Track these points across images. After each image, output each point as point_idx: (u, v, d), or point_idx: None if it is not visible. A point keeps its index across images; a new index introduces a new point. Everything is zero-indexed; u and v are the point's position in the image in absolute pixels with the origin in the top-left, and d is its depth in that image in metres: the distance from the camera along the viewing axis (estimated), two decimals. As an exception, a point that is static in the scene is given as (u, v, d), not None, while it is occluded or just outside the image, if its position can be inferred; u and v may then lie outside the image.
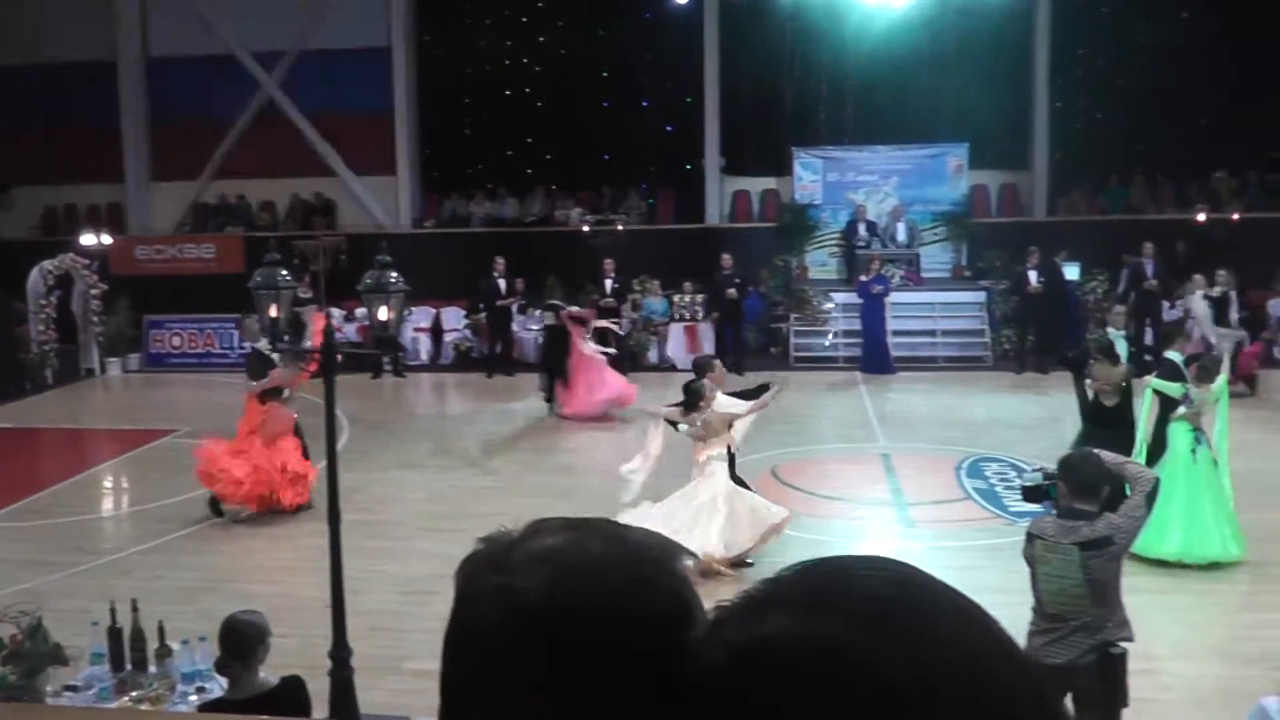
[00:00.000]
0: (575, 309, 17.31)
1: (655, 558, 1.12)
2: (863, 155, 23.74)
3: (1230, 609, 9.14)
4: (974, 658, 0.87)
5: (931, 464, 13.72)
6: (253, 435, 11.71)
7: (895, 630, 0.86)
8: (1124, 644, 5.79)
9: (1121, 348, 10.97)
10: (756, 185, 24.59)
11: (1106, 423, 9.72)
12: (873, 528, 11.35)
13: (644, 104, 25.29)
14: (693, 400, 10.05)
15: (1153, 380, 10.35)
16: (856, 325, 20.40)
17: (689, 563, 1.00)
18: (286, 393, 11.85)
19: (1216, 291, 18.26)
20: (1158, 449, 10.07)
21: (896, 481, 12.94)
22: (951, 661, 0.85)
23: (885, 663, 0.84)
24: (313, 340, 12.30)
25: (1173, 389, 10.05)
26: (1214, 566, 9.57)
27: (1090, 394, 10.15)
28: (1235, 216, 21.60)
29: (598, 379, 16.80)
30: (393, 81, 24.65)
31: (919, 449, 14.43)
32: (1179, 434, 9.92)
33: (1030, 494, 6.42)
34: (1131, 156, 24.15)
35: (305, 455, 11.97)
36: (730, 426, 10.21)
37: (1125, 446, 8.63)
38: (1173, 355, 10.83)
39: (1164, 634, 8.29)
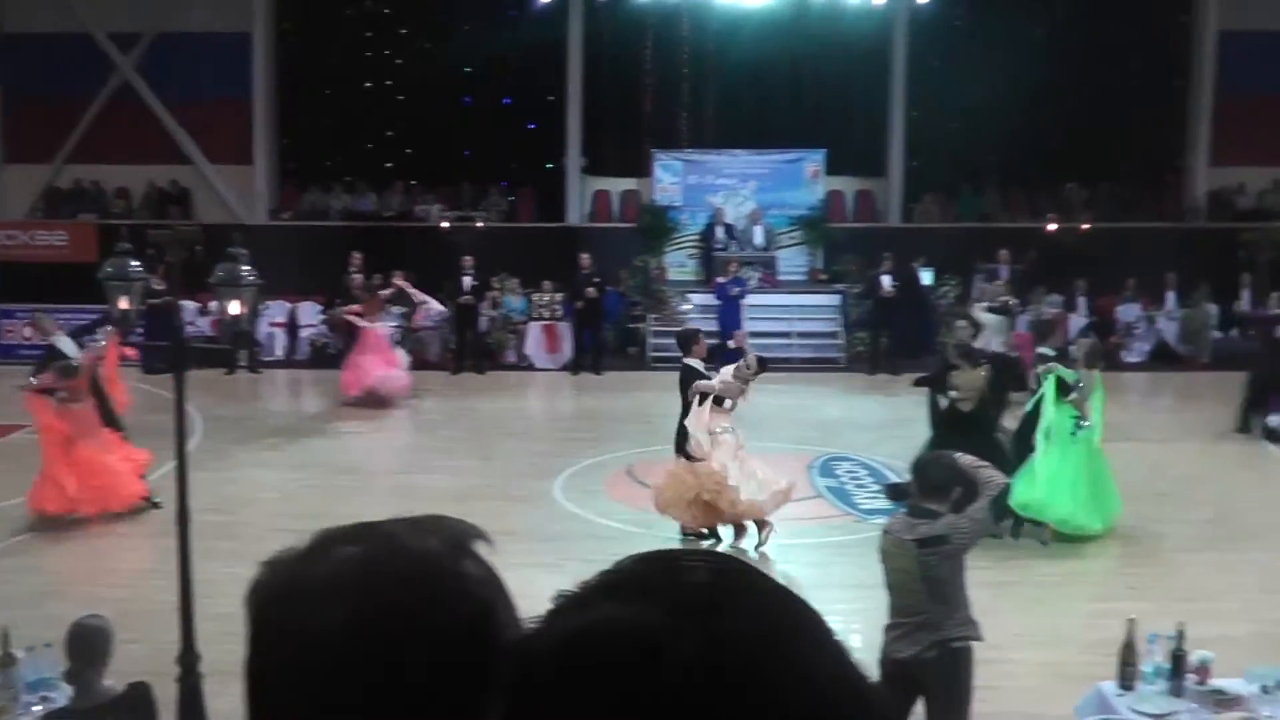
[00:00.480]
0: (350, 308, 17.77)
1: (442, 565, 1.13)
2: (722, 159, 24.02)
3: (1072, 599, 9.52)
4: (787, 645, 0.92)
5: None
6: (66, 442, 11.37)
7: (713, 617, 0.90)
8: (970, 642, 5.96)
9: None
10: (617, 186, 24.74)
11: (963, 429, 10.04)
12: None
13: (506, 101, 25.25)
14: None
15: (1056, 368, 10.80)
16: (714, 326, 20.54)
17: (483, 546, 1.02)
18: (63, 393, 11.50)
19: (998, 303, 18.65)
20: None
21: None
22: (763, 647, 0.90)
23: (699, 648, 0.88)
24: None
25: (1069, 375, 10.65)
26: (1074, 551, 10.07)
27: (945, 401, 10.50)
28: (1085, 226, 22.36)
29: (376, 361, 16.99)
30: (252, 69, 24.15)
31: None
32: (1063, 417, 10.53)
33: (893, 492, 6.62)
34: (985, 166, 24.86)
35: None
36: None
37: (981, 452, 8.94)
38: (1045, 350, 11.31)
39: (1009, 624, 8.57)
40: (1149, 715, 5.76)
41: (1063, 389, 10.66)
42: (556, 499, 12.18)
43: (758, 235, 22.67)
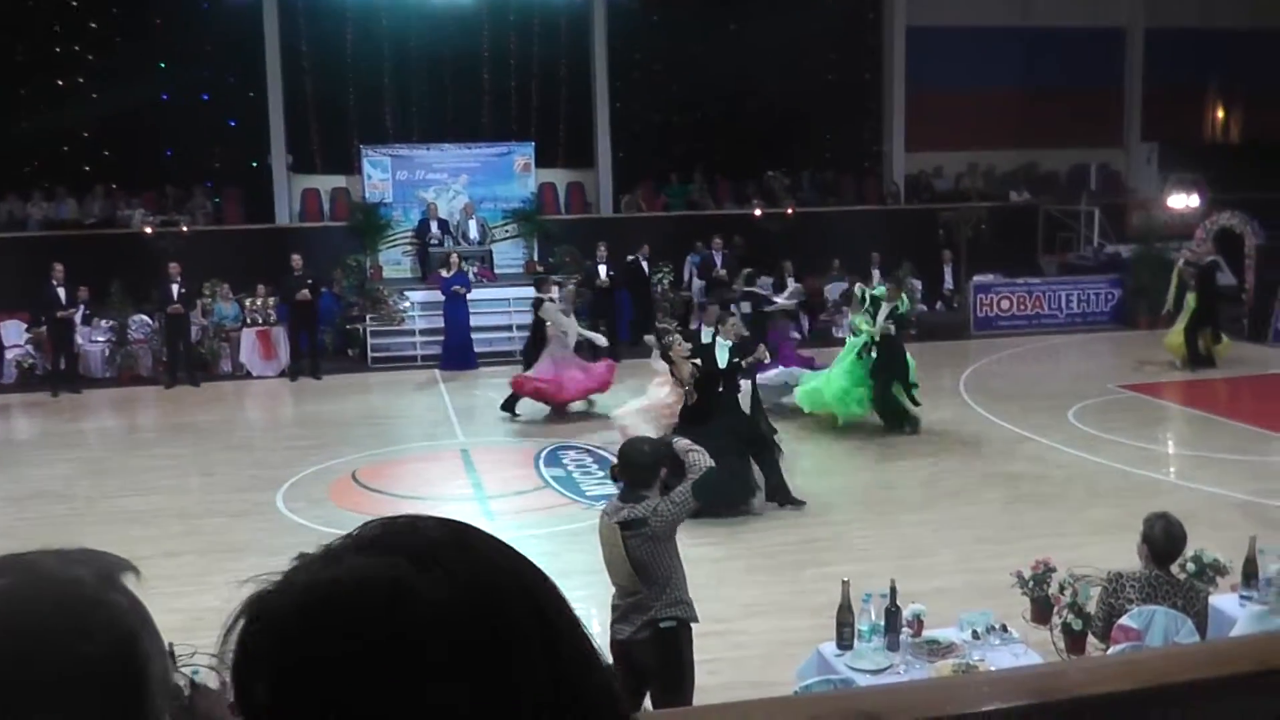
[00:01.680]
0: None
1: (89, 595, 1.10)
2: (431, 154, 23.80)
3: (793, 567, 9.86)
4: (526, 592, 1.02)
5: (511, 456, 14.06)
6: None
7: (458, 565, 0.99)
8: (687, 621, 6.10)
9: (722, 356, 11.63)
10: (326, 184, 24.22)
11: (700, 419, 10.69)
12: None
13: (205, 97, 24.32)
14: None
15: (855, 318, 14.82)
16: (437, 323, 20.53)
17: (128, 575, 1.01)
18: None
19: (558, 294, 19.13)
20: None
21: (477, 476, 13.12)
22: (505, 592, 1.00)
23: (448, 592, 0.97)
24: None
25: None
26: (796, 521, 10.73)
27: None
28: (790, 211, 23.25)
29: None
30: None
31: (499, 442, 14.74)
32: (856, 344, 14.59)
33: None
34: (691, 155, 25.53)
35: None
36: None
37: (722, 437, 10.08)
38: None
39: (735, 596, 8.89)
40: (866, 671, 6.00)
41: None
42: (280, 510, 11.92)
43: (472, 229, 22.62)
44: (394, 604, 0.96)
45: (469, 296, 20.11)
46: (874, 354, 14.45)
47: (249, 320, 20.41)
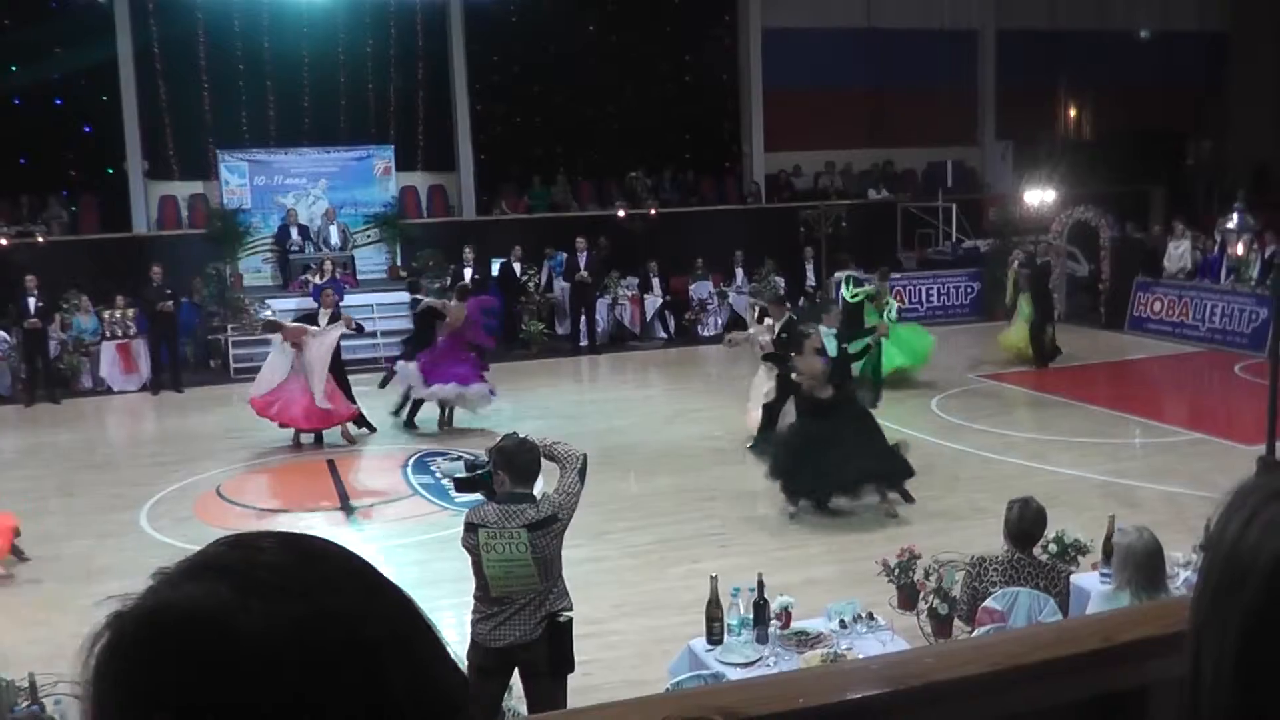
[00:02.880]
0: None
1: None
2: (289, 158, 23.30)
3: (666, 565, 9.90)
4: (358, 625, 0.97)
5: (378, 464, 13.91)
6: None
7: (282, 597, 0.95)
8: (567, 613, 6.09)
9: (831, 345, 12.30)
10: (183, 190, 23.53)
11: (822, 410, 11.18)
12: (321, 535, 11.24)
13: (58, 102, 23.48)
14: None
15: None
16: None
17: None
18: None
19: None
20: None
21: (343, 485, 12.93)
22: (333, 626, 0.96)
23: (265, 626, 0.93)
24: None
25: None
26: (664, 518, 10.62)
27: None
28: (652, 212, 23.34)
29: None
30: None
31: (365, 450, 14.59)
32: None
33: (465, 485, 6.40)
34: (553, 157, 25.50)
35: None
36: None
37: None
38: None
39: (607, 597, 8.89)
40: (735, 665, 6.05)
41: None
42: (145, 529, 11.62)
43: (333, 235, 22.22)
44: (210, 639, 0.93)
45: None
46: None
47: (109, 333, 19.60)
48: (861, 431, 11.17)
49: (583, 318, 21.33)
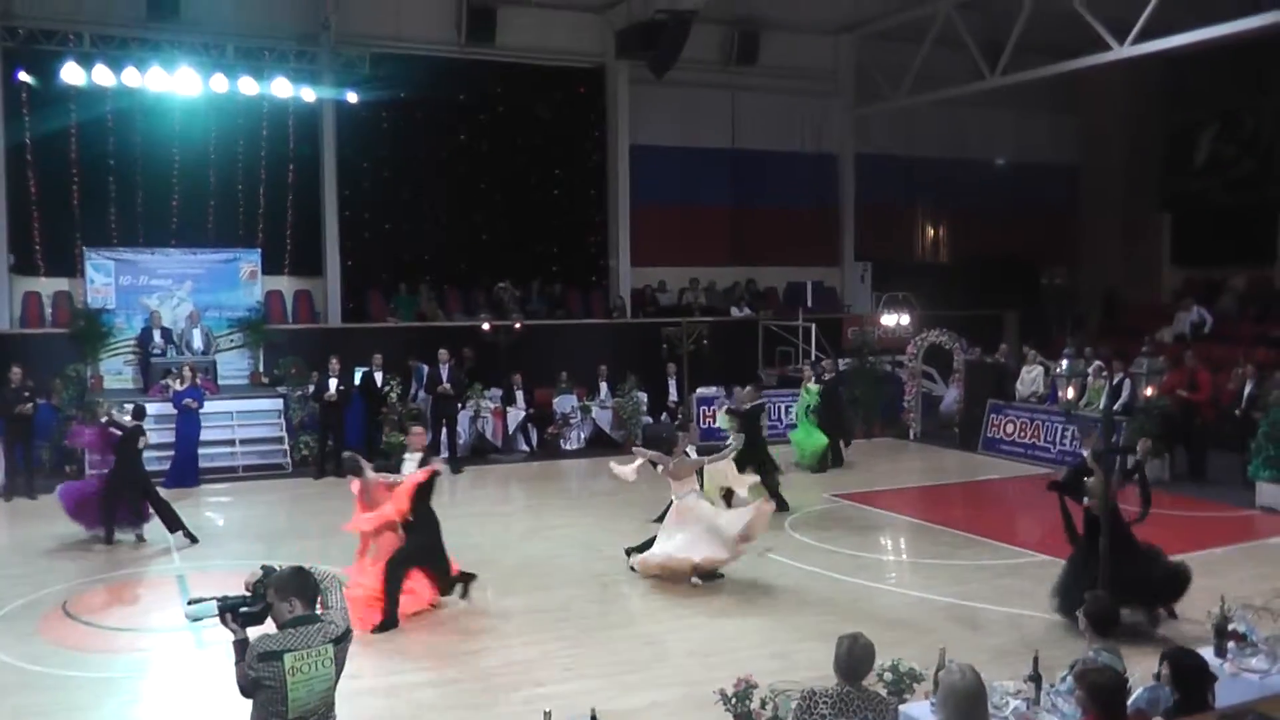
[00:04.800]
0: None
1: None
2: (156, 259, 23.14)
3: (508, 689, 9.75)
4: None
5: (230, 580, 13.55)
6: None
7: None
8: None
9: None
10: (48, 287, 23.12)
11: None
12: (163, 656, 10.84)
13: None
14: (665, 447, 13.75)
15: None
16: (163, 438, 19.46)
17: None
18: None
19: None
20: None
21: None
22: None
23: None
24: None
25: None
26: (506, 639, 10.53)
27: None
28: (518, 325, 23.49)
29: None
30: None
31: (217, 565, 14.26)
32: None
33: (253, 618, 6.04)
34: (420, 266, 25.59)
35: None
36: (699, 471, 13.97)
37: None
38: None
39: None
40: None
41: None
42: (-15, 650, 11.15)
43: (196, 339, 21.94)
44: None
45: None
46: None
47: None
48: None
49: (444, 430, 21.31)
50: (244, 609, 6.02)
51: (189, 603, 6.00)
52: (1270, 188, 28.10)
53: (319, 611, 6.02)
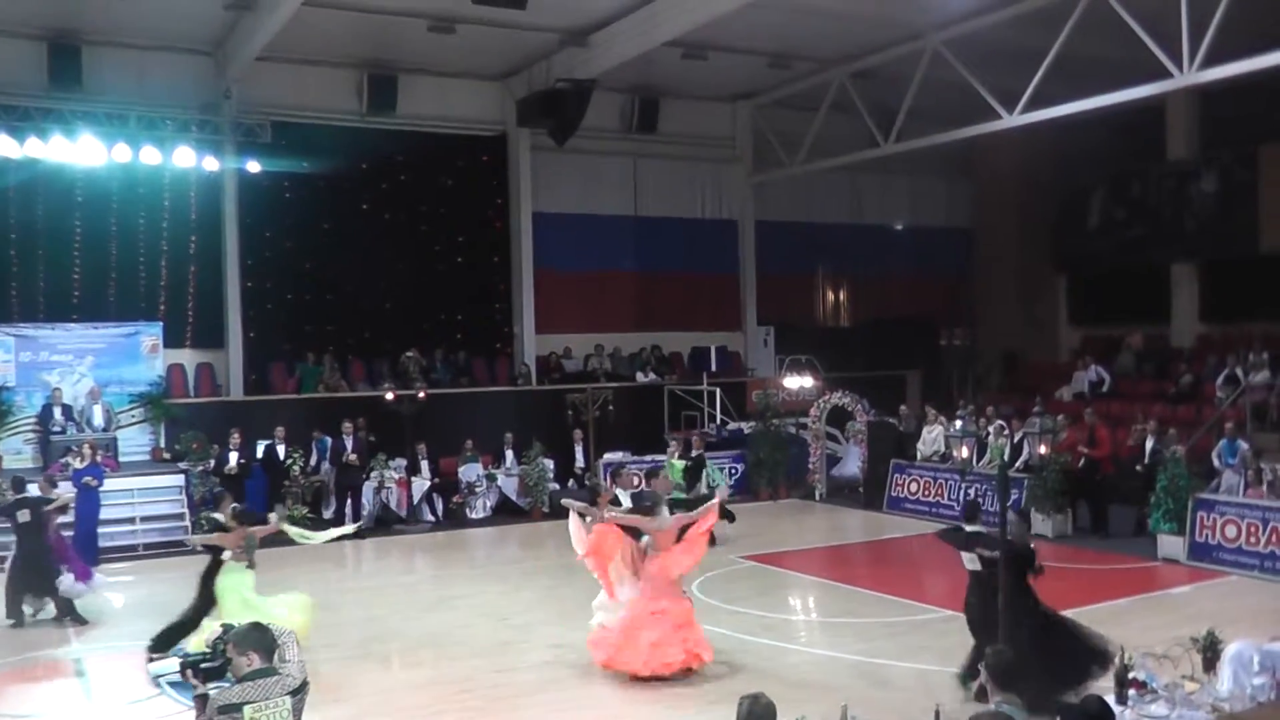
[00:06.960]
0: None
1: None
2: (56, 333, 22.79)
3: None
4: None
5: (128, 662, 13.31)
6: None
7: None
8: None
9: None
10: (-51, 365, 22.74)
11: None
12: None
13: None
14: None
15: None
16: (68, 517, 19.04)
17: None
18: None
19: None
20: None
21: (89, 687, 12.35)
22: None
23: None
24: None
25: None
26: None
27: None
28: (422, 394, 23.43)
29: None
30: None
31: (116, 648, 13.93)
32: None
33: (213, 674, 6.32)
34: (323, 336, 25.46)
35: None
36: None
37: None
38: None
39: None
40: None
41: None
42: None
43: (97, 415, 21.63)
44: None
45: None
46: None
47: None
48: None
49: (349, 501, 21.12)
50: (204, 664, 6.27)
51: (149, 660, 6.15)
52: (1159, 249, 28.88)
53: (277, 664, 6.12)
